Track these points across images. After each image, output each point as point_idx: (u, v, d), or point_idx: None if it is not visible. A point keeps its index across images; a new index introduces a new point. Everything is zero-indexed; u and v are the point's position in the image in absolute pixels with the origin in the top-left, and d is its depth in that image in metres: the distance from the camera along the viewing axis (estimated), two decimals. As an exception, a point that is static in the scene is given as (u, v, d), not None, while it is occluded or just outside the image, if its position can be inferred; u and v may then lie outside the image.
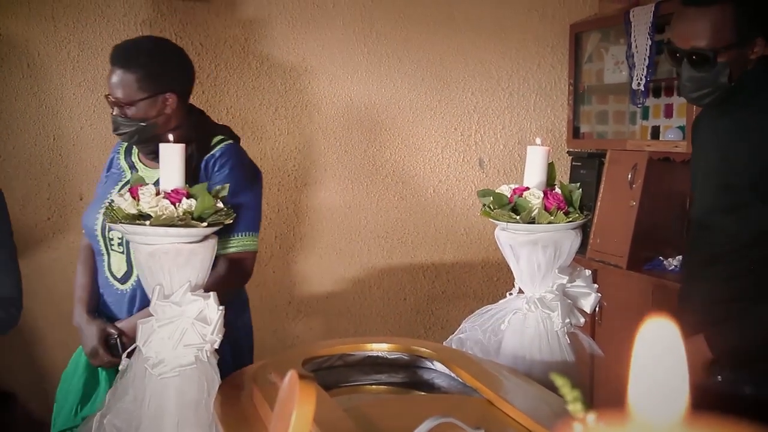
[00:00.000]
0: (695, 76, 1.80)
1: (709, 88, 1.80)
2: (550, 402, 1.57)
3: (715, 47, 1.75)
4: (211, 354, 1.66)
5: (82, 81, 2.97)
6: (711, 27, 1.75)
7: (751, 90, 1.81)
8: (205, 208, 1.64)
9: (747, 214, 1.79)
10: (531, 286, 1.87)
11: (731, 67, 1.77)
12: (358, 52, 3.33)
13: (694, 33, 1.76)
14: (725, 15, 1.74)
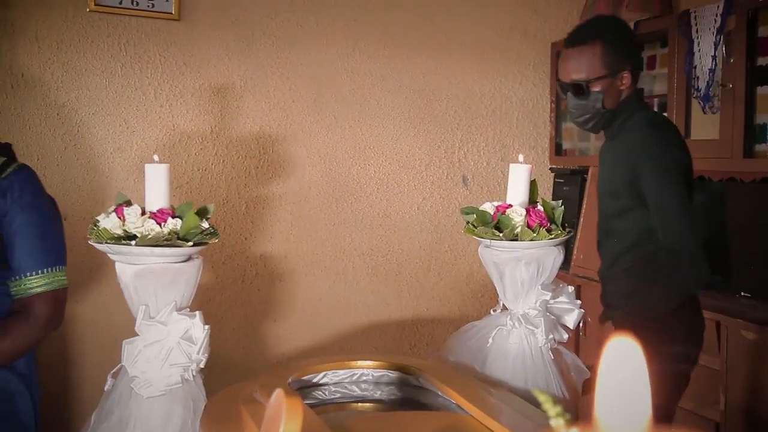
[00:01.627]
0: (577, 103, 2.13)
1: (589, 113, 2.13)
2: (535, 417, 1.58)
3: (588, 79, 2.10)
4: (197, 373, 1.66)
5: (65, 101, 2.97)
6: (585, 62, 2.10)
7: (625, 116, 2.14)
8: (191, 228, 1.65)
9: (633, 218, 2.09)
10: (515, 302, 1.89)
11: (604, 95, 2.11)
12: (342, 70, 3.35)
13: (573, 68, 2.12)
14: (595, 52, 2.09)
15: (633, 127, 2.10)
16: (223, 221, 3.15)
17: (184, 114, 3.12)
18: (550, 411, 0.76)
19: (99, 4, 2.95)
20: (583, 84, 2.09)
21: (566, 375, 1.95)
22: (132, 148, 3.06)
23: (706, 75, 2.71)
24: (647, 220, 2.06)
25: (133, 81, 3.05)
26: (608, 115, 2.12)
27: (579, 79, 2.10)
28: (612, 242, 2.14)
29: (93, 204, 2.98)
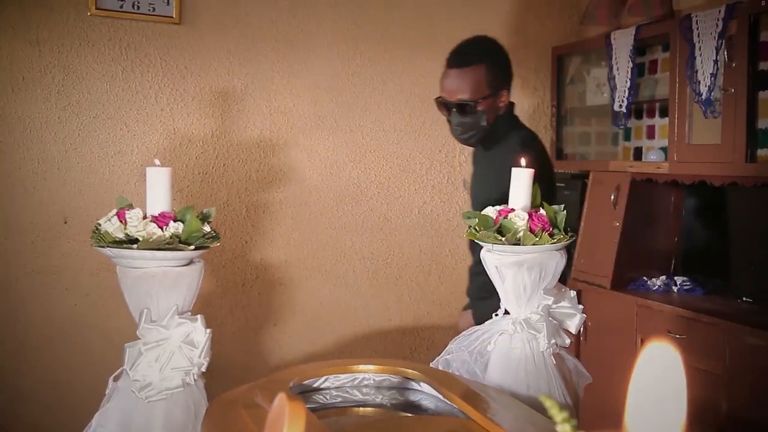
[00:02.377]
0: (462, 121, 2.28)
1: (474, 130, 2.30)
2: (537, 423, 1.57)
3: (475, 99, 2.25)
4: (199, 377, 1.66)
5: (66, 105, 2.97)
6: (471, 83, 2.25)
7: (502, 131, 2.33)
8: (193, 232, 1.64)
9: None
10: (517, 307, 1.89)
11: (487, 113, 2.28)
12: (343, 74, 3.35)
13: (460, 88, 2.26)
14: (480, 74, 2.26)
15: (510, 143, 2.29)
16: (223, 225, 3.14)
17: (185, 118, 3.12)
18: (557, 417, 0.76)
19: (100, 8, 2.95)
20: (471, 103, 2.24)
21: (568, 380, 1.95)
22: (133, 151, 3.05)
23: (707, 79, 2.71)
24: None
25: (134, 84, 3.05)
26: (489, 129, 2.30)
27: (466, 99, 2.24)
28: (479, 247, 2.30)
29: (93, 207, 2.97)
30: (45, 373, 2.98)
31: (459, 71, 2.24)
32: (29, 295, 2.95)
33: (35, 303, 2.96)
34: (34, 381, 2.97)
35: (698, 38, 2.75)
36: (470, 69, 2.24)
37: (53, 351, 2.99)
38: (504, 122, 2.35)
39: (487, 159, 2.36)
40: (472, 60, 2.25)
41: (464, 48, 2.32)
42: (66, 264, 2.99)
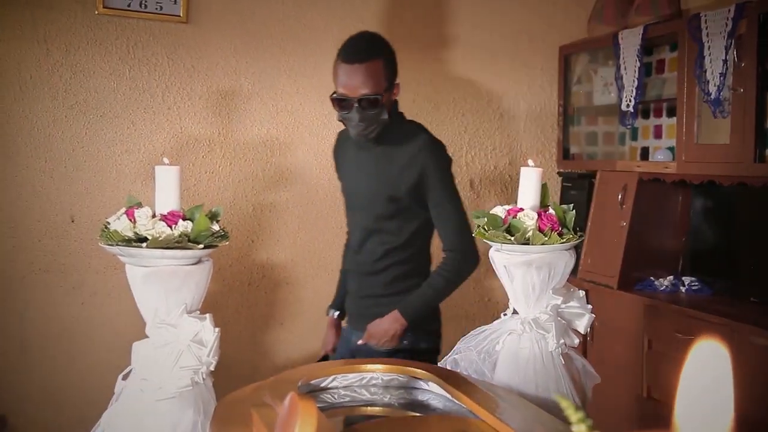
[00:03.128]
0: (366, 116, 2.25)
1: (375, 125, 2.28)
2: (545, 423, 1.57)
3: (378, 92, 2.24)
4: (207, 376, 1.66)
5: (73, 103, 2.97)
6: (373, 77, 2.23)
7: (397, 124, 2.36)
8: (201, 230, 1.64)
9: (408, 217, 2.34)
10: (525, 306, 1.88)
11: (386, 107, 2.29)
12: (350, 74, 3.35)
13: (363, 84, 2.23)
14: (379, 68, 2.25)
15: (412, 135, 2.33)
16: (230, 224, 3.14)
17: (191, 117, 3.12)
18: (572, 417, 0.76)
19: (107, 7, 2.95)
20: (376, 98, 2.23)
21: (577, 380, 1.94)
22: (140, 150, 3.05)
23: (716, 79, 2.70)
24: (418, 219, 2.34)
25: (141, 83, 3.05)
26: (387, 123, 2.30)
27: (370, 93, 2.23)
28: (381, 240, 2.37)
29: (100, 206, 2.97)
30: (52, 372, 2.99)
31: (360, 66, 2.22)
32: (36, 294, 2.95)
33: (42, 301, 2.96)
34: (41, 379, 2.97)
35: (707, 38, 2.74)
36: (371, 63, 2.23)
37: (60, 349, 2.99)
38: (397, 116, 2.37)
39: (383, 154, 2.34)
40: (372, 54, 2.25)
41: (360, 43, 2.31)
42: (73, 262, 2.99)
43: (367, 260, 2.41)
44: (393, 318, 2.33)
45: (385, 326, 2.33)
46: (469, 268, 2.38)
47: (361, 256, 2.43)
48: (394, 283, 2.39)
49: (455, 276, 2.35)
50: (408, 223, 2.36)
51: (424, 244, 2.44)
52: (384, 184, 2.32)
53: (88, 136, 3.00)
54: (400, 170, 2.29)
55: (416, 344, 2.39)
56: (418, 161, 2.28)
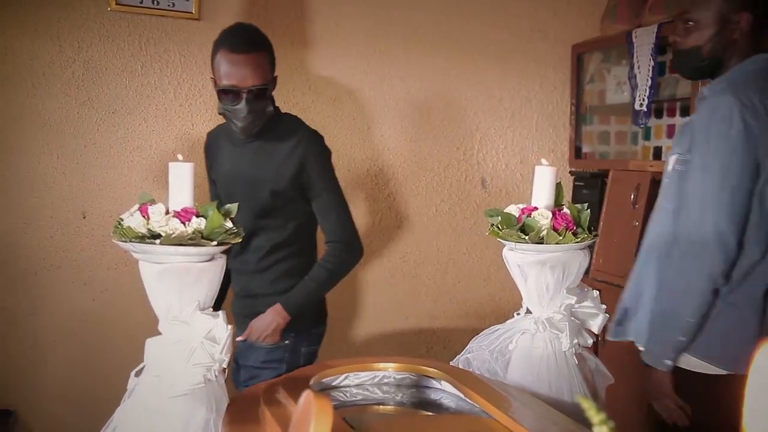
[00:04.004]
0: (254, 108, 2.21)
1: (262, 117, 2.25)
2: (558, 422, 1.56)
3: (266, 84, 2.22)
4: (220, 373, 1.65)
5: (86, 100, 2.97)
6: (261, 68, 2.20)
7: (277, 117, 2.32)
8: (215, 227, 1.64)
9: (292, 212, 2.33)
10: (539, 306, 1.87)
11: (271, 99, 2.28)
12: (361, 71, 3.34)
13: (252, 74, 2.18)
14: (264, 59, 2.23)
15: (290, 128, 2.32)
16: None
17: (203, 113, 3.12)
18: (594, 418, 0.75)
19: (120, 3, 2.95)
20: (266, 88, 2.21)
21: (590, 380, 1.93)
22: (151, 147, 3.06)
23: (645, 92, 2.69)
24: (303, 213, 2.33)
25: (153, 80, 3.05)
26: (271, 116, 2.28)
27: (259, 84, 2.19)
28: (267, 235, 2.33)
29: (112, 203, 2.98)
30: (63, 368, 2.99)
31: (249, 57, 2.19)
32: (48, 290, 2.96)
33: (54, 297, 2.97)
34: (53, 375, 2.98)
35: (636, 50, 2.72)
36: (259, 54, 2.21)
37: (72, 345, 3.00)
38: (277, 109, 2.35)
39: (262, 148, 2.31)
40: (259, 46, 2.23)
41: (245, 34, 2.27)
42: (84, 259, 2.99)
43: (251, 259, 2.38)
44: (275, 311, 2.29)
45: (267, 320, 2.29)
46: (352, 260, 2.38)
47: (246, 255, 2.39)
48: (281, 280, 2.36)
49: (338, 268, 2.35)
50: (292, 218, 2.35)
51: (310, 239, 2.44)
52: (266, 178, 2.29)
53: (100, 132, 3.00)
54: (280, 163, 2.28)
55: (298, 344, 2.37)
56: (298, 153, 2.28)
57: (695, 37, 2.00)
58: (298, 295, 2.32)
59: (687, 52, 2.02)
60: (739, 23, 1.96)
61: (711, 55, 2.00)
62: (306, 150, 2.29)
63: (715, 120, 1.80)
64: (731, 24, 1.96)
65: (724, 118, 1.77)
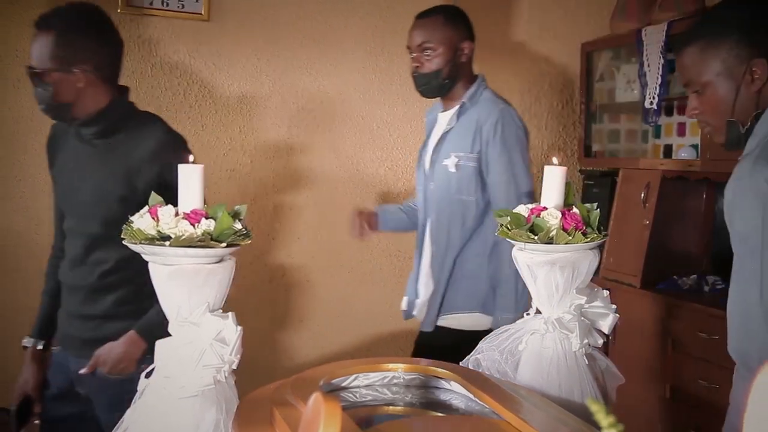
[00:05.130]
0: (38, 93, 2.01)
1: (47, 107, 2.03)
2: (569, 423, 1.56)
3: (44, 67, 1.96)
4: (230, 375, 1.65)
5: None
6: (44, 49, 1.95)
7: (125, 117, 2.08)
8: (224, 229, 1.64)
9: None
10: (549, 306, 1.86)
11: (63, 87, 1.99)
12: (370, 71, 3.35)
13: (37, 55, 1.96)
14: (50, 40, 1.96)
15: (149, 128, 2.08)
16: (250, 222, 3.13)
17: (213, 114, 3.13)
18: (603, 421, 0.75)
19: (129, 5, 2.96)
20: (38, 72, 1.98)
21: (600, 381, 1.92)
22: (161, 148, 3.06)
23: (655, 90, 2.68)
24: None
25: (163, 81, 3.06)
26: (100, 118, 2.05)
27: (36, 66, 1.98)
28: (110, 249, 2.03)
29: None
30: (74, 368, 3.01)
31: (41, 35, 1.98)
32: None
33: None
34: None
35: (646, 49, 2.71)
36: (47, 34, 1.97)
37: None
38: (126, 106, 2.14)
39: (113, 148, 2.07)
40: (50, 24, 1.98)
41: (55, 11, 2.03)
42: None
43: (93, 274, 2.09)
44: (129, 341, 2.01)
45: (120, 350, 2.00)
46: None
47: (85, 270, 2.10)
48: (127, 301, 2.09)
49: None
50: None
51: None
52: (116, 182, 2.04)
53: (110, 134, 3.01)
54: (137, 166, 2.03)
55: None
56: (159, 158, 2.02)
57: (436, 61, 2.47)
58: (154, 319, 1.93)
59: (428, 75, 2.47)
60: (464, 50, 2.50)
61: (448, 76, 2.48)
62: (169, 156, 1.94)
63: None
64: (459, 51, 2.49)
65: None
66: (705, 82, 1.63)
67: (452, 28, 2.52)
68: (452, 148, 2.50)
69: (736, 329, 1.51)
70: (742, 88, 1.60)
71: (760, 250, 1.46)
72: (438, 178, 2.56)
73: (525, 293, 2.36)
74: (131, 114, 2.12)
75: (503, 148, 2.44)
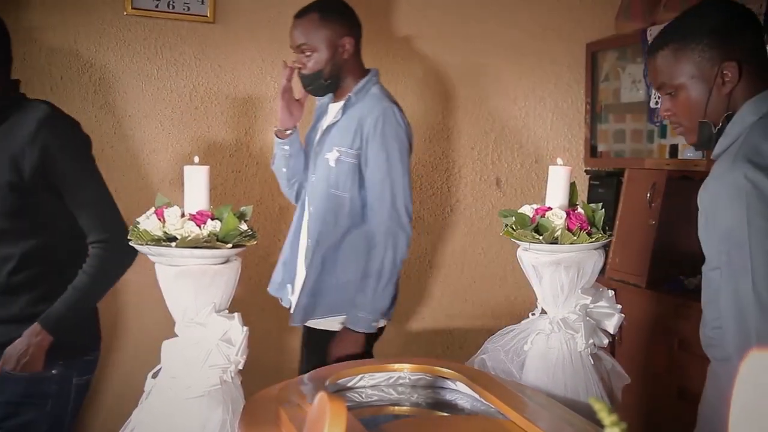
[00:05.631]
0: None
1: None
2: (575, 423, 1.56)
3: None
4: (236, 375, 1.67)
5: (103, 104, 3.00)
6: None
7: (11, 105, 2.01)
8: (230, 230, 1.65)
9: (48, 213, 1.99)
10: (554, 306, 1.87)
11: None
12: (375, 73, 3.35)
13: None
14: None
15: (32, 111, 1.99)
16: (256, 223, 3.15)
17: (218, 116, 3.14)
18: (606, 420, 0.75)
19: (135, 8, 2.97)
20: None
21: (606, 381, 1.93)
22: (167, 150, 3.08)
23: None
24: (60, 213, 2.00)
25: (169, 83, 3.07)
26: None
27: None
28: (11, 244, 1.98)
29: (129, 206, 2.98)
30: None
31: None
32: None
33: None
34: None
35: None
36: None
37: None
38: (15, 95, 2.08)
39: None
40: None
41: None
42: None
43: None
44: (32, 332, 1.93)
45: (24, 344, 1.92)
46: (117, 260, 2.05)
47: None
48: (43, 299, 1.99)
49: (101, 273, 2.01)
50: (50, 221, 2.01)
51: (80, 247, 2.05)
52: (2, 169, 1.94)
53: (117, 136, 3.03)
54: (20, 150, 1.93)
55: (68, 374, 2.03)
56: (39, 139, 1.94)
57: (316, 62, 2.42)
58: (58, 309, 1.96)
59: (311, 76, 2.43)
60: (345, 47, 2.42)
61: (330, 76, 2.43)
62: (50, 137, 1.95)
63: None
64: (339, 48, 2.42)
65: None
66: (678, 84, 1.67)
67: (329, 26, 2.43)
68: (335, 142, 2.45)
69: (732, 320, 1.55)
70: (714, 90, 1.64)
71: (748, 242, 1.51)
72: (319, 171, 2.50)
73: (383, 296, 2.42)
74: (19, 103, 2.04)
75: (382, 146, 2.38)
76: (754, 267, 1.51)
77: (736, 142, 1.63)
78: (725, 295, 1.57)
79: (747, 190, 1.52)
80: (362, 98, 2.46)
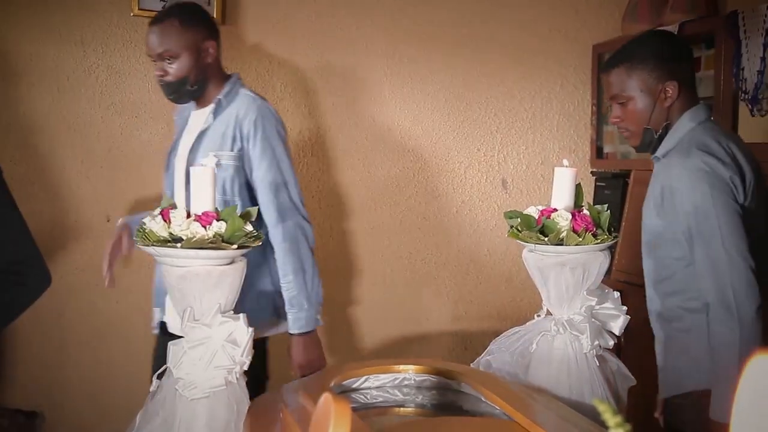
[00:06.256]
0: None
1: None
2: (580, 425, 1.56)
3: None
4: (241, 376, 1.67)
5: (110, 104, 3.01)
6: None
7: None
8: (235, 231, 1.65)
9: None
10: (559, 308, 1.87)
11: None
12: (381, 74, 3.35)
13: None
14: None
15: None
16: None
17: (225, 117, 3.14)
18: (610, 421, 0.75)
19: (142, 8, 2.98)
20: None
21: (611, 382, 1.92)
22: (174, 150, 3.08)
23: (754, 77, 2.65)
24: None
25: (176, 84, 3.08)
26: None
27: None
28: None
29: (136, 206, 3.01)
30: (88, 369, 3.03)
31: None
32: (73, 292, 3.00)
33: (79, 300, 3.01)
34: (78, 376, 3.02)
35: (745, 35, 2.70)
36: None
37: (96, 347, 3.04)
38: None
39: None
40: None
41: None
42: (108, 262, 3.03)
43: None
44: None
45: None
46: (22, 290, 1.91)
47: None
48: None
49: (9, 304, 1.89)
50: None
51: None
52: None
53: (123, 136, 3.04)
54: None
55: None
56: None
57: (180, 69, 2.33)
58: None
59: (175, 83, 2.34)
60: (208, 51, 2.37)
61: (196, 81, 2.36)
62: None
63: None
64: (203, 53, 2.35)
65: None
66: (628, 96, 2.00)
67: (192, 31, 2.35)
68: (210, 147, 2.35)
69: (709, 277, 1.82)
70: (657, 103, 1.99)
71: (714, 213, 1.81)
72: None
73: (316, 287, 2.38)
74: None
75: (266, 144, 2.33)
76: (722, 233, 1.80)
77: (681, 142, 1.95)
78: (700, 258, 1.84)
79: (707, 171, 1.83)
80: (233, 100, 2.40)
